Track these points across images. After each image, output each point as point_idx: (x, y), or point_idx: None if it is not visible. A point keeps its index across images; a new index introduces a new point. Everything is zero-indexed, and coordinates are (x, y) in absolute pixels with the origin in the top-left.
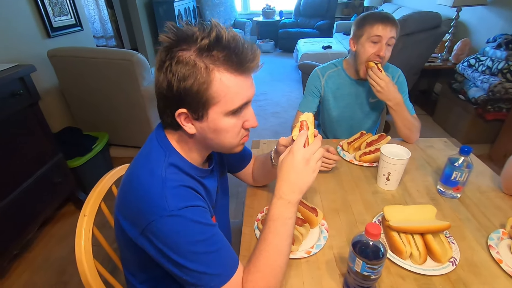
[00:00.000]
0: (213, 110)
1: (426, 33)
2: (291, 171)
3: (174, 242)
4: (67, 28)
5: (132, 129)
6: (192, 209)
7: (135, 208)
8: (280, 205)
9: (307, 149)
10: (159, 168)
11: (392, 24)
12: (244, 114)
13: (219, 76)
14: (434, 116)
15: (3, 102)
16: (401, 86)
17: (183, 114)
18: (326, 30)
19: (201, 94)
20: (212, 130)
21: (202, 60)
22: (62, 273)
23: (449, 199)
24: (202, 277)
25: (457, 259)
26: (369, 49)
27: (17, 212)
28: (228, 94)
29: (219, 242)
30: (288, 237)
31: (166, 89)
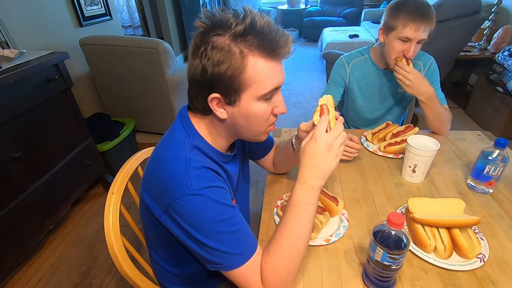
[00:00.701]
0: (245, 95)
1: (463, 19)
2: (314, 157)
3: (196, 220)
4: (97, 17)
5: (156, 116)
6: (214, 190)
7: (160, 186)
8: (302, 190)
9: (330, 134)
10: (183, 150)
11: (426, 23)
12: (274, 100)
13: (252, 61)
14: (467, 109)
15: (40, 87)
16: (432, 75)
17: (215, 99)
18: (353, 18)
19: (234, 79)
20: (243, 115)
21: (236, 45)
22: (91, 249)
23: (480, 194)
24: (222, 255)
25: (485, 256)
26: (397, 47)
27: (52, 190)
28: (260, 79)
29: (239, 223)
30: (309, 222)
31: (200, 74)
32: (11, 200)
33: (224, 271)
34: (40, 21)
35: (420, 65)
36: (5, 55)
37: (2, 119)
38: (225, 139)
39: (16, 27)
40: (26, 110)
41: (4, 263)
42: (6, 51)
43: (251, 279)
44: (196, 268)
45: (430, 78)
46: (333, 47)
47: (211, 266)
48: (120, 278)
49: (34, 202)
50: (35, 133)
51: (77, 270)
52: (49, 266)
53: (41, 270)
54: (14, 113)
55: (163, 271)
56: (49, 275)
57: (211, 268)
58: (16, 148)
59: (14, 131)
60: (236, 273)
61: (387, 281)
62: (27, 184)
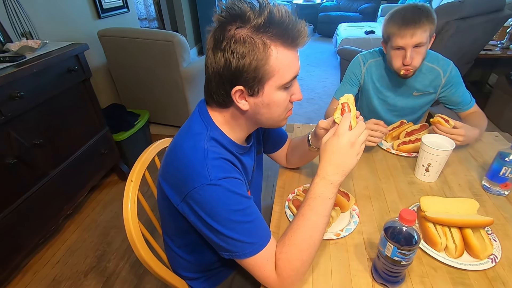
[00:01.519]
0: (268, 85)
1: (485, 17)
2: (336, 153)
3: (212, 209)
4: (115, 9)
5: (170, 108)
6: (230, 180)
7: (178, 176)
8: (322, 185)
9: (353, 132)
10: (201, 141)
11: (412, 28)
12: (292, 88)
13: (275, 51)
14: (486, 109)
15: (61, 76)
16: (454, 80)
17: (238, 91)
18: (370, 14)
19: (259, 70)
20: (265, 104)
21: (259, 37)
22: (106, 235)
23: (494, 196)
24: (237, 244)
25: (497, 257)
26: (395, 60)
27: (70, 177)
28: (282, 68)
29: (254, 213)
30: (326, 216)
31: (223, 68)
32: (33, 184)
33: (238, 259)
34: (61, 13)
35: (439, 71)
36: (29, 45)
37: (26, 107)
38: (243, 131)
39: (40, 19)
40: (48, 99)
41: (26, 243)
42: (30, 42)
43: (265, 268)
44: (209, 256)
45: (453, 84)
46: (348, 43)
47: (226, 254)
48: (133, 264)
49: (54, 187)
50: (55, 121)
51: (93, 254)
52: (66, 249)
53: (59, 252)
54: (37, 102)
55: (177, 258)
56: (66, 257)
57: (226, 256)
58: (38, 135)
59: (36, 119)
60: (250, 261)
61: (396, 277)
62: (48, 170)
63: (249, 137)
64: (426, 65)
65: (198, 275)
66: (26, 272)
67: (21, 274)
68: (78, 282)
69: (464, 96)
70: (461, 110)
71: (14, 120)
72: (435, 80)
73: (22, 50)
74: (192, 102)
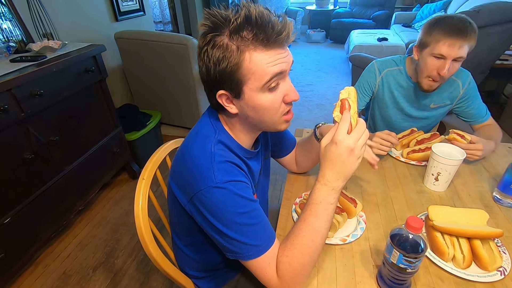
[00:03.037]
0: (247, 87)
1: (501, 26)
2: (336, 161)
3: (218, 211)
4: (132, 12)
5: (182, 110)
6: (236, 184)
7: (186, 177)
8: (324, 191)
9: (351, 137)
10: (208, 144)
11: (462, 39)
12: (281, 88)
13: (248, 55)
14: (501, 121)
15: (78, 76)
16: (472, 92)
17: (223, 95)
18: (383, 21)
19: (234, 74)
20: (251, 107)
21: (234, 42)
22: (115, 231)
23: (506, 208)
24: (241, 246)
25: (507, 270)
26: (431, 64)
27: (84, 174)
28: (257, 70)
29: (259, 216)
30: (328, 221)
31: (205, 74)
32: (49, 179)
33: (242, 260)
34: (81, 15)
35: (459, 83)
36: (50, 46)
37: (45, 105)
38: (246, 135)
39: (60, 20)
40: (65, 98)
41: (39, 237)
42: (51, 42)
43: (267, 270)
44: (215, 256)
45: (470, 95)
46: (361, 50)
47: (230, 254)
48: (141, 261)
49: (68, 183)
50: (71, 119)
51: (102, 250)
52: (77, 243)
53: (70, 246)
54: (55, 100)
55: (184, 257)
56: (76, 252)
57: (230, 257)
58: (55, 132)
59: (54, 116)
60: (253, 263)
61: (401, 284)
62: (63, 166)
63: (257, 142)
64: None
65: (204, 274)
66: (38, 265)
67: (33, 266)
68: (87, 277)
69: (480, 109)
70: (476, 123)
71: (33, 117)
72: (454, 91)
73: (43, 50)
74: (204, 104)
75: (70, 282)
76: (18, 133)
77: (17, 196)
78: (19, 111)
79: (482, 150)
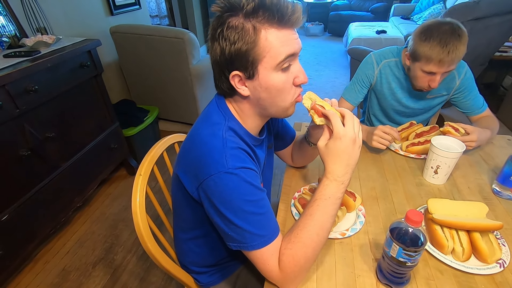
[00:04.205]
0: (262, 66)
1: (501, 17)
2: (343, 154)
3: (227, 197)
4: (127, 6)
5: (179, 105)
6: (247, 171)
7: (196, 163)
8: (333, 186)
9: (349, 128)
10: (220, 130)
11: (451, 58)
12: (292, 70)
13: (264, 33)
14: (499, 113)
15: (74, 71)
16: (468, 83)
17: (236, 76)
18: (381, 14)
19: (249, 53)
20: (264, 88)
21: (249, 22)
22: (114, 227)
23: (505, 200)
24: (246, 235)
25: (506, 262)
26: (421, 77)
27: (81, 170)
28: (273, 48)
29: (266, 206)
30: (334, 215)
31: (219, 55)
32: (46, 176)
33: (245, 251)
34: (75, 9)
35: (455, 74)
36: (44, 41)
37: (40, 101)
38: (254, 121)
39: (54, 15)
40: (61, 93)
41: (38, 233)
42: (45, 37)
43: (269, 262)
44: (220, 250)
45: (466, 86)
46: (359, 43)
47: (234, 245)
48: (140, 257)
49: (65, 179)
50: (67, 115)
51: (101, 246)
52: (76, 240)
53: (69, 243)
54: (50, 96)
55: (188, 251)
56: (75, 248)
57: (233, 247)
58: (51, 129)
59: (49, 112)
60: (256, 253)
61: (401, 278)
62: (60, 163)
63: (262, 130)
64: None
65: (206, 269)
66: (37, 261)
67: (32, 263)
68: (87, 273)
69: (477, 100)
70: (472, 114)
71: (28, 113)
72: (450, 82)
73: (37, 45)
74: (201, 99)
75: (70, 278)
76: (14, 130)
77: (14, 193)
78: (14, 108)
79: (476, 141)
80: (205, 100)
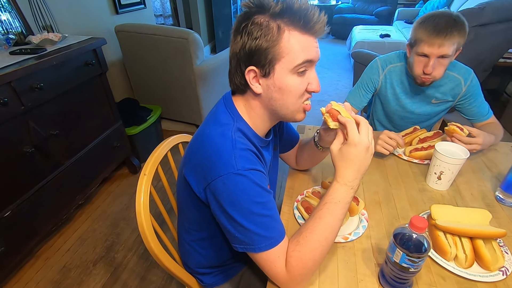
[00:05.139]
0: (279, 66)
1: (506, 24)
2: (356, 161)
3: (235, 199)
4: (132, 5)
5: (182, 104)
6: (256, 173)
7: (205, 163)
8: (343, 191)
9: (363, 136)
10: (229, 131)
11: (442, 38)
12: (308, 76)
13: (288, 35)
14: (502, 119)
15: (79, 69)
16: (474, 90)
17: (252, 72)
18: (385, 17)
19: (270, 50)
20: (277, 88)
21: (275, 21)
22: (115, 226)
23: (508, 207)
24: (253, 237)
25: (509, 270)
26: (417, 62)
27: (84, 168)
28: (292, 50)
29: (273, 208)
30: (342, 220)
31: (240, 48)
32: (49, 173)
33: (251, 253)
34: (81, 7)
35: (461, 80)
36: (50, 38)
37: (45, 98)
38: (264, 122)
39: (60, 13)
40: (65, 91)
41: (39, 230)
42: (51, 35)
43: (276, 264)
44: (225, 251)
45: (472, 94)
46: (362, 46)
47: (240, 247)
48: (141, 256)
49: (68, 177)
50: (71, 113)
51: (102, 244)
52: (77, 238)
53: (70, 241)
54: (55, 93)
55: (192, 252)
56: (76, 246)
57: (240, 249)
58: (55, 126)
59: (54, 110)
60: (263, 256)
61: (403, 283)
62: (63, 160)
63: (269, 132)
64: (446, 73)
65: (210, 270)
66: (38, 258)
67: (33, 260)
68: (87, 271)
69: (482, 107)
70: (477, 121)
71: (33, 111)
72: (455, 88)
73: (43, 43)
74: (204, 99)
75: (71, 275)
76: (18, 127)
77: (17, 189)
78: (19, 105)
79: (481, 145)
80: (208, 100)
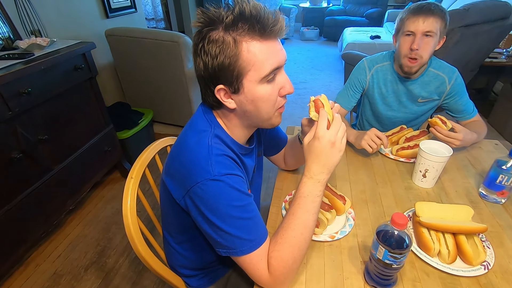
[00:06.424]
0: (247, 80)
1: (490, 24)
2: (320, 155)
3: (214, 204)
4: (123, 9)
5: (174, 108)
6: (233, 177)
7: (182, 171)
8: (310, 184)
9: (331, 131)
10: (205, 138)
11: (425, 14)
12: (278, 81)
13: (246, 46)
14: (490, 118)
15: (67, 74)
16: (459, 88)
17: (221, 90)
18: (376, 19)
19: (233, 66)
20: (250, 101)
21: (229, 35)
22: (107, 230)
23: (491, 203)
24: (235, 240)
25: (490, 264)
26: (403, 42)
27: (74, 173)
28: (257, 61)
29: (253, 211)
30: (315, 213)
31: (203, 70)
32: (38, 178)
33: (234, 256)
34: (70, 11)
35: (445, 78)
36: (37, 43)
37: (33, 103)
38: (242, 132)
39: (49, 17)
40: (54, 96)
41: (29, 236)
42: (39, 39)
43: (259, 266)
44: (207, 254)
45: (457, 91)
46: (353, 48)
47: (223, 251)
48: (133, 261)
49: (58, 182)
50: (61, 118)
51: (93, 249)
52: (68, 243)
53: (61, 246)
54: (43, 98)
55: (176, 254)
56: (67, 251)
57: (223, 253)
58: (44, 131)
59: (42, 115)
60: (245, 259)
61: (387, 279)
62: (52, 165)
63: (251, 139)
64: (431, 72)
65: (195, 272)
66: (28, 265)
67: (23, 267)
68: (78, 277)
69: (467, 105)
70: (463, 119)
71: (21, 116)
72: (440, 87)
73: (31, 48)
74: (196, 102)
75: (61, 282)
76: (5, 132)
77: (5, 195)
78: (6, 110)
79: (461, 140)
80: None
